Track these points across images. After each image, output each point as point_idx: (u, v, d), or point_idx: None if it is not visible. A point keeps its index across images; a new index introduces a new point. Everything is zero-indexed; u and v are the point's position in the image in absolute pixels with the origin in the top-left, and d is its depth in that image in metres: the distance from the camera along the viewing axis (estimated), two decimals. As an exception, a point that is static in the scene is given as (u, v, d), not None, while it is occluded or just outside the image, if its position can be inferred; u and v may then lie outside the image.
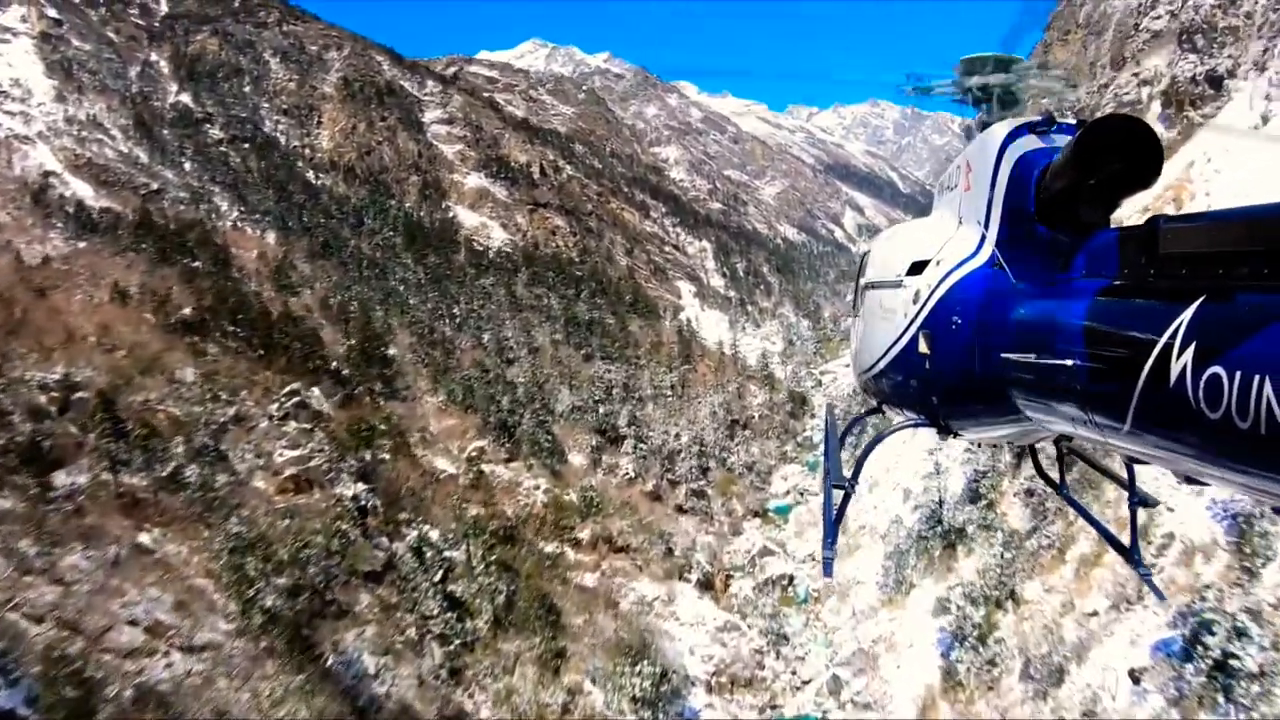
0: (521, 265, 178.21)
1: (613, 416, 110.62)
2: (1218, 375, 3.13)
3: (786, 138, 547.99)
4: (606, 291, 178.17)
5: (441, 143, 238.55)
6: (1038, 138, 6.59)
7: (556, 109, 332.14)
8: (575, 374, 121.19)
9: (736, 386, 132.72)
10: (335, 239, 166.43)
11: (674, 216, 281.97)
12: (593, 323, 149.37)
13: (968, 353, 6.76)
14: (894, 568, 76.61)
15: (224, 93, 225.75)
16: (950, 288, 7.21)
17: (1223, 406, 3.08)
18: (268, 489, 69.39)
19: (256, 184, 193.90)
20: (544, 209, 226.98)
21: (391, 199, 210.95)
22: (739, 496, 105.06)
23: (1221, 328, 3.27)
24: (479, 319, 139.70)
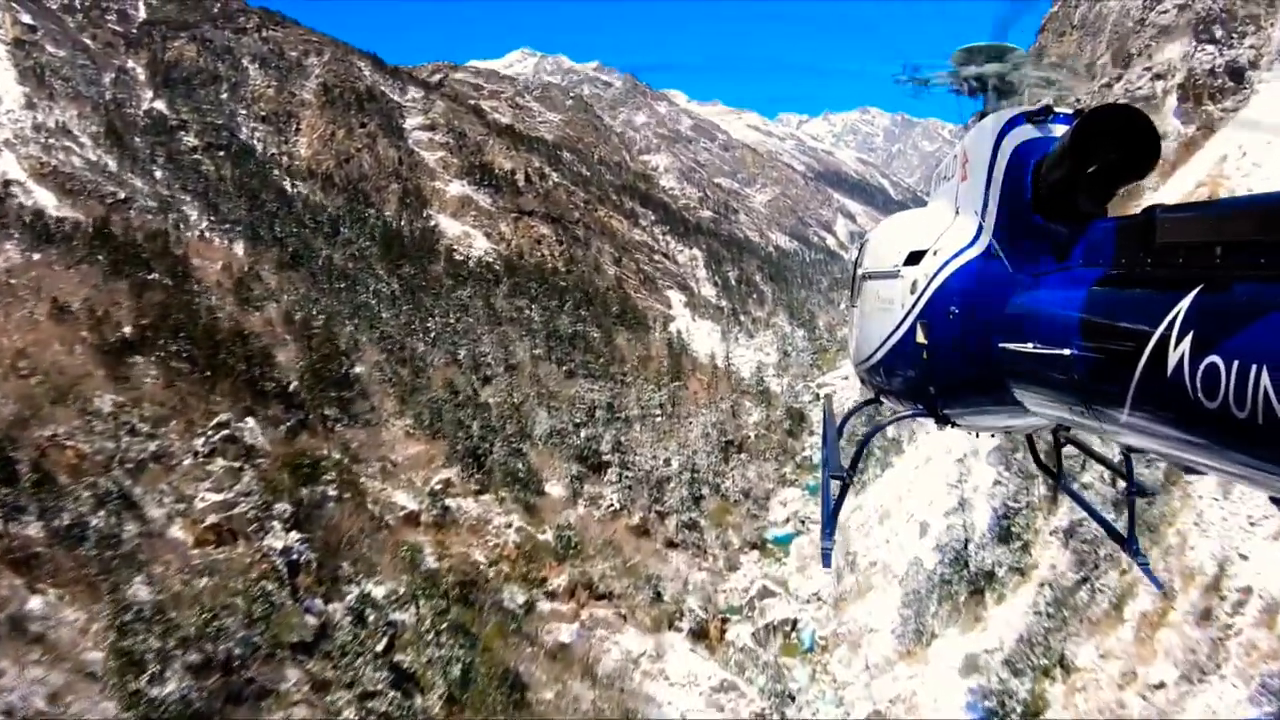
0: (503, 275, 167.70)
1: (595, 441, 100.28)
2: (1215, 365, 3.14)
3: (777, 145, 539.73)
4: (593, 302, 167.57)
5: (423, 149, 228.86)
6: (1034, 128, 6.45)
7: (544, 116, 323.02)
8: (555, 393, 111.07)
9: (730, 404, 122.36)
10: (307, 249, 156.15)
11: (664, 224, 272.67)
12: (576, 336, 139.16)
13: (965, 342, 6.72)
14: (913, 615, 66.98)
15: (200, 99, 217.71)
16: (947, 277, 7.11)
17: (1220, 396, 3.08)
18: (186, 540, 58.82)
19: (229, 193, 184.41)
20: (529, 217, 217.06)
21: (370, 207, 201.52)
22: (735, 527, 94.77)
23: (1218, 317, 3.25)
24: (455, 333, 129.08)
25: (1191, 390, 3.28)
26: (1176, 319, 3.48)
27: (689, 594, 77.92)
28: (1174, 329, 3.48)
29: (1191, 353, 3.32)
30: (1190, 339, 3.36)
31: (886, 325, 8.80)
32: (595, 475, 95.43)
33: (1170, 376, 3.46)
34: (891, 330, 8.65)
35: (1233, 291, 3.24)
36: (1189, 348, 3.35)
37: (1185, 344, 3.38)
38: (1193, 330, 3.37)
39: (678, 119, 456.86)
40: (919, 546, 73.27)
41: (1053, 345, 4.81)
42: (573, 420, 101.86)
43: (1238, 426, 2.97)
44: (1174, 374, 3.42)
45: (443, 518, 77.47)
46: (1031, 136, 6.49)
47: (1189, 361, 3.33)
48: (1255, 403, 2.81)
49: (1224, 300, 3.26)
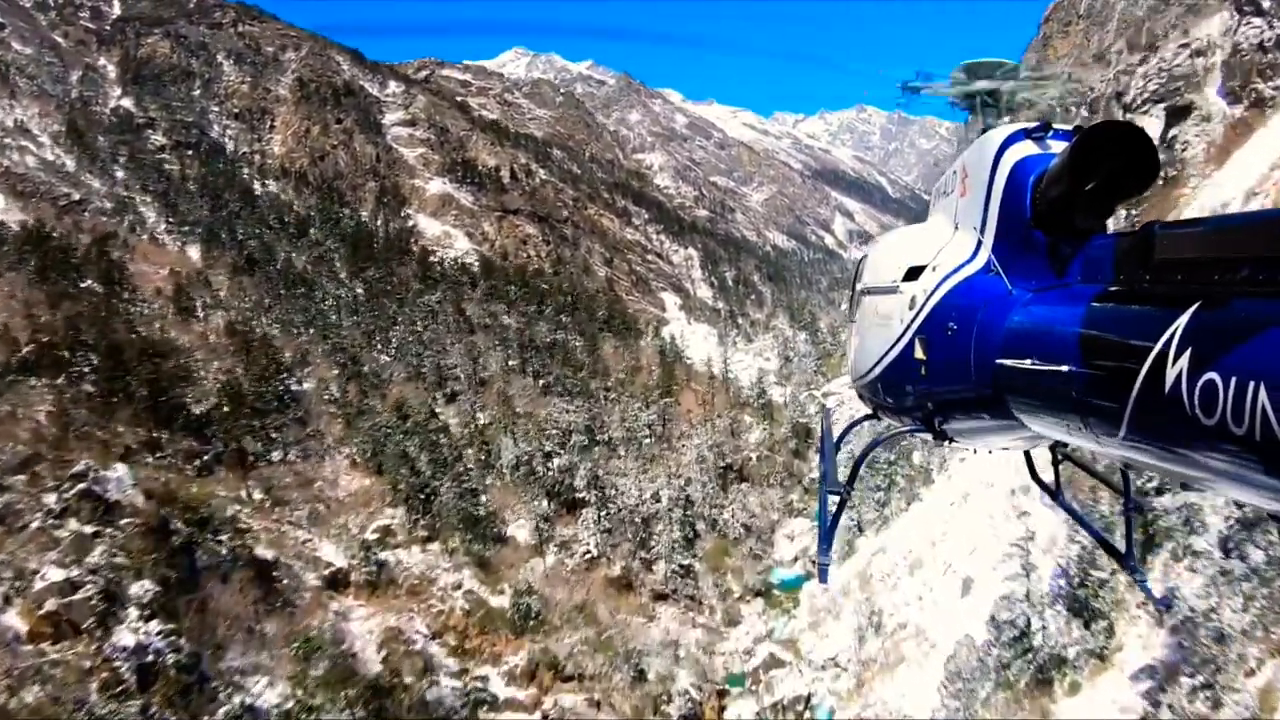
0: (480, 278, 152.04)
1: (570, 473, 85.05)
2: (1213, 381, 3.13)
3: (773, 143, 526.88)
4: (577, 306, 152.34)
5: (403, 146, 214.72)
6: (1034, 143, 6.36)
7: (533, 113, 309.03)
8: (527, 414, 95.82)
9: (729, 420, 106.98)
10: (267, 252, 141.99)
11: (658, 224, 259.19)
12: (555, 346, 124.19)
13: (964, 359, 6.45)
14: (961, 706, 52.08)
15: (170, 97, 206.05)
16: (946, 293, 7.00)
17: (1218, 413, 3.07)
18: (22, 630, 43.62)
19: (191, 193, 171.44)
20: (514, 216, 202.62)
21: (345, 207, 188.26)
22: (735, 571, 79.85)
23: (1217, 334, 3.26)
24: (421, 343, 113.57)
25: (1189, 407, 3.22)
26: (1175, 335, 3.41)
27: (680, 666, 62.76)
28: (1172, 345, 3.41)
29: (1189, 369, 3.25)
30: (1188, 355, 3.29)
31: (885, 341, 8.41)
32: (569, 514, 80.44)
33: (1168, 393, 3.39)
34: (890, 346, 8.23)
35: (1231, 308, 3.19)
36: (1187, 364, 3.28)
37: (1183, 360, 3.31)
38: (1191, 346, 3.30)
39: (672, 117, 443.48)
40: (962, 610, 58.32)
41: (1051, 361, 4.68)
42: (542, 447, 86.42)
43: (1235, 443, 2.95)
44: (1172, 390, 3.36)
45: (377, 577, 62.61)
46: (1031, 152, 6.23)
47: (1187, 378, 3.26)
48: (1253, 419, 2.79)
49: (1222, 316, 3.22)
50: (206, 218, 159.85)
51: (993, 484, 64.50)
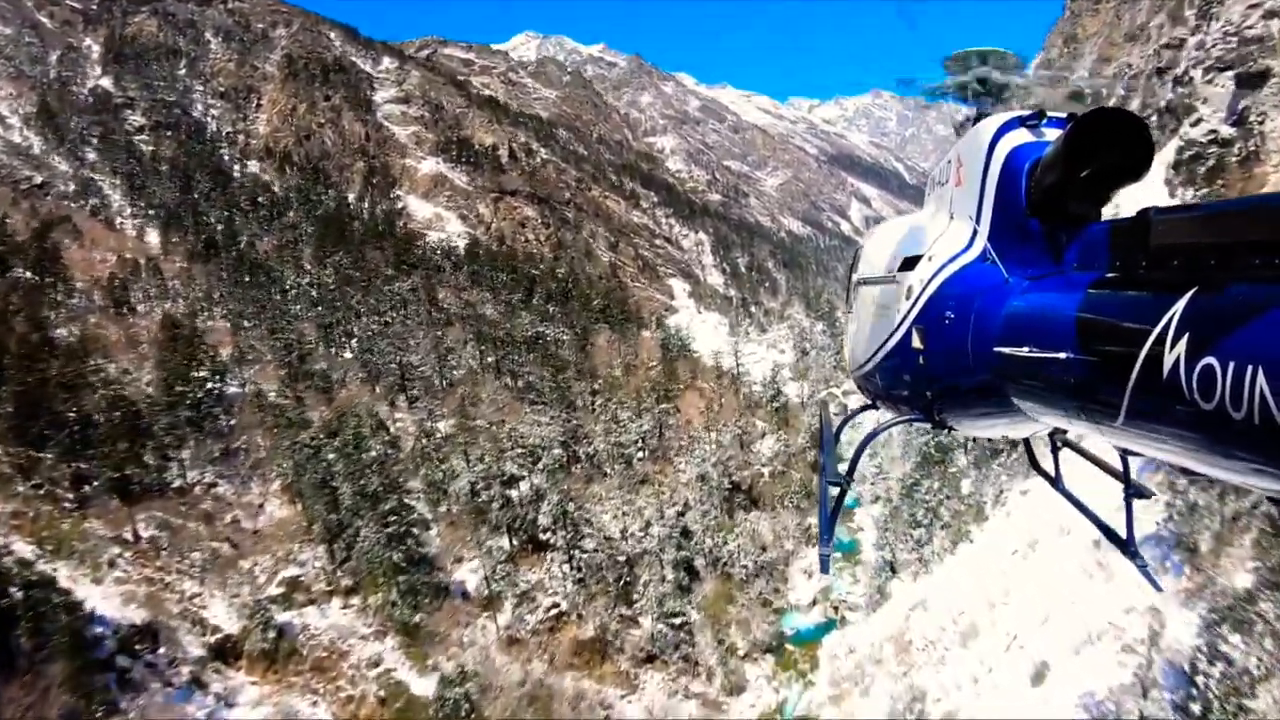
0: (464, 262, 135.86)
1: (538, 502, 67.17)
2: (1211, 366, 3.04)
3: (788, 128, 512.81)
4: (571, 294, 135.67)
5: (395, 124, 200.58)
6: (1028, 131, 6.12)
7: (538, 92, 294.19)
8: (496, 423, 79.62)
9: (738, 427, 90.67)
10: (230, 236, 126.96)
11: (667, 207, 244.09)
12: (539, 340, 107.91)
13: (961, 348, 6.22)
14: None
15: (153, 76, 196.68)
16: (943, 283, 6.70)
17: (1216, 397, 3.00)
18: None
19: (163, 174, 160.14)
20: (512, 197, 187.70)
21: (329, 188, 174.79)
22: (740, 623, 63.74)
23: (1214, 319, 3.18)
24: (388, 337, 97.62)
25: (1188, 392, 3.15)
26: (1172, 321, 3.33)
27: (665, 767, 47.41)
28: (1170, 331, 3.33)
29: (1187, 354, 3.18)
30: (1186, 341, 3.21)
31: (882, 331, 8.04)
32: (536, 554, 64.36)
33: (1166, 379, 3.31)
34: (887, 336, 7.85)
35: (1228, 293, 3.12)
36: (1185, 349, 3.21)
37: (1181, 346, 3.23)
38: (1188, 332, 3.22)
39: (685, 100, 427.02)
40: (1033, 703, 42.74)
41: (1048, 349, 4.58)
42: (501, 471, 69.40)
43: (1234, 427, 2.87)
44: (1170, 376, 3.28)
45: (275, 646, 47.51)
46: (1025, 140, 5.96)
47: (1185, 363, 3.18)
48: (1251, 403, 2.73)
49: (1220, 302, 3.16)
50: (174, 200, 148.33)
51: (1068, 530, 49.74)
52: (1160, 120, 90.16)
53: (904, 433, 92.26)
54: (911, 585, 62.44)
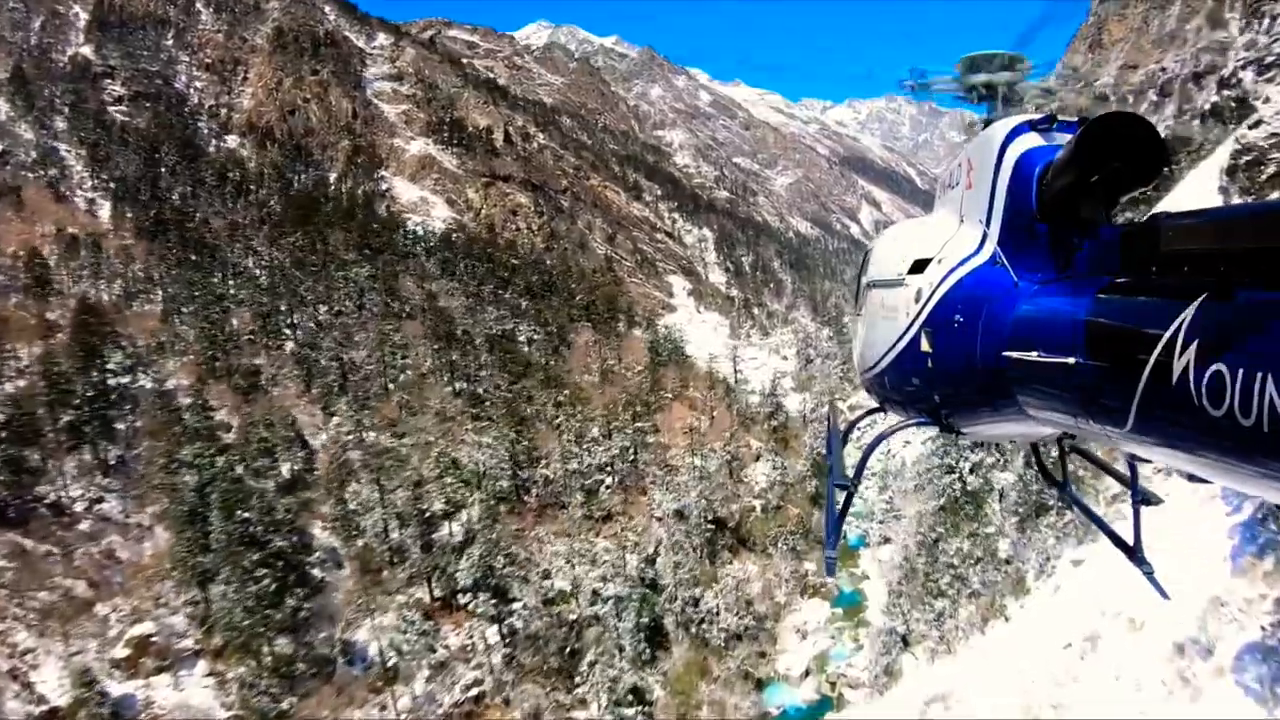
0: (438, 248, 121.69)
1: (467, 547, 52.27)
2: (1220, 373, 3.08)
3: (800, 128, 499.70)
4: (554, 287, 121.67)
5: (385, 102, 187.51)
6: (1039, 135, 6.09)
7: (543, 78, 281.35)
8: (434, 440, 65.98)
9: (728, 449, 76.81)
10: (183, 214, 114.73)
11: (671, 200, 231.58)
12: (503, 340, 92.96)
13: (970, 351, 6.24)
14: None
15: (137, 45, 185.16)
16: (952, 286, 6.68)
17: (1225, 404, 3.03)
18: None
19: (133, 145, 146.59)
20: (504, 183, 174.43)
21: (309, 167, 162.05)
22: (714, 704, 50.02)
23: (1223, 326, 3.20)
24: (335, 329, 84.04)
25: (1196, 398, 3.15)
26: (1181, 327, 3.34)
27: None
28: (1179, 337, 3.33)
29: (1196, 361, 3.19)
30: (1195, 347, 3.22)
31: (891, 334, 7.97)
32: (451, 616, 50.45)
33: (1175, 385, 3.33)
34: (896, 339, 7.78)
35: (1237, 299, 3.12)
36: (1194, 356, 3.21)
37: (1190, 352, 3.24)
38: (1198, 338, 3.23)
39: (696, 94, 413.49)
40: None
41: (1057, 354, 4.59)
42: (418, 507, 55.32)
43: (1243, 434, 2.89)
44: (1179, 382, 3.29)
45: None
46: (1036, 144, 5.92)
47: (1194, 370, 3.19)
48: (1260, 410, 2.75)
49: (1228, 308, 3.15)
50: (138, 172, 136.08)
51: (1140, 623, 36.71)
52: (1204, 125, 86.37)
53: (919, 463, 79.09)
54: (928, 668, 49.12)
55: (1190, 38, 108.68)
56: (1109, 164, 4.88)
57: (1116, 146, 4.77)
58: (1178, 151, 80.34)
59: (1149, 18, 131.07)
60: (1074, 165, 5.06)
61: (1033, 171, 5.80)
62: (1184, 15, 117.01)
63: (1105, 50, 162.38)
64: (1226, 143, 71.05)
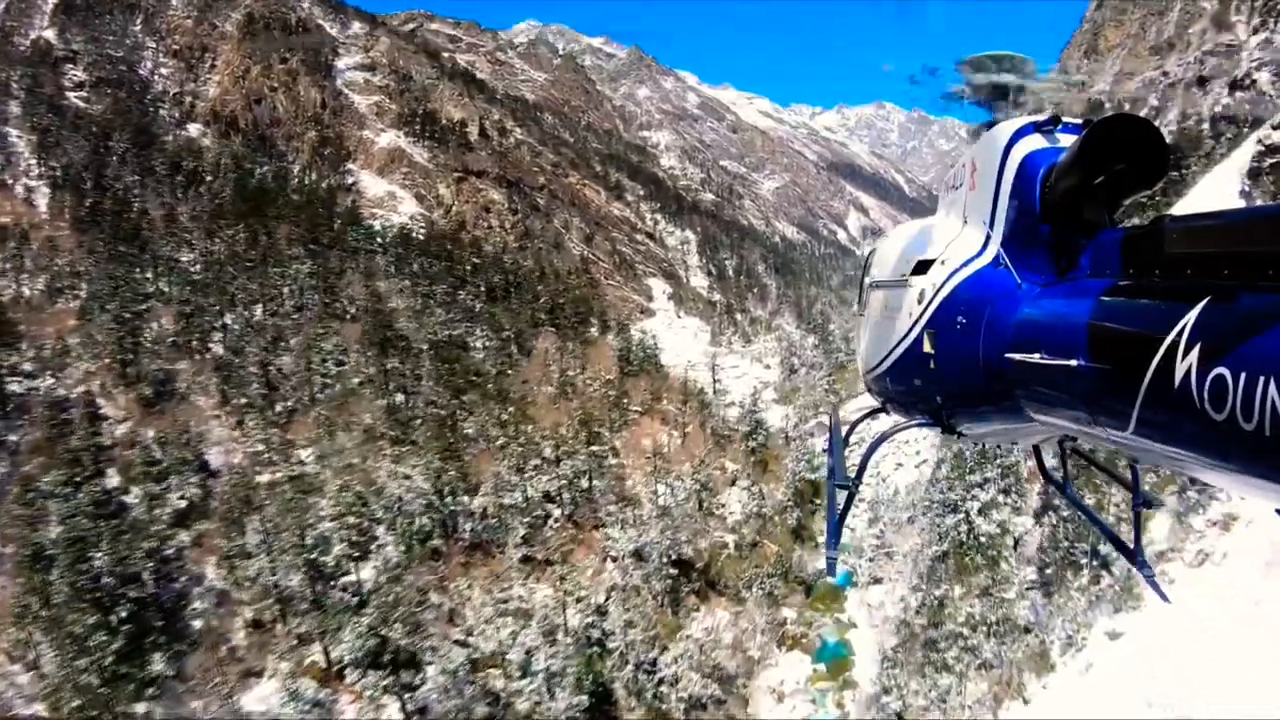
0: (393, 244, 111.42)
1: (378, 597, 42.36)
2: (1222, 376, 3.02)
3: (789, 132, 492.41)
4: (519, 288, 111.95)
5: (356, 92, 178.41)
6: (1043, 137, 5.92)
7: (526, 74, 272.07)
8: (353, 464, 56.55)
9: (697, 484, 68.01)
10: (122, 204, 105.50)
11: (654, 201, 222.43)
12: (451, 346, 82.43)
13: (972, 353, 6.07)
14: None
15: (103, 30, 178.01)
16: (955, 287, 6.55)
17: (1227, 407, 2.97)
18: None
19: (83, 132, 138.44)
20: (478, 178, 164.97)
21: (272, 158, 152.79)
22: (673, 794, 41.08)
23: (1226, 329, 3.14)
24: (264, 332, 74.42)
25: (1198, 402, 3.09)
26: (1184, 330, 3.27)
27: None
28: (1181, 340, 3.27)
29: (1199, 364, 3.12)
30: (1198, 350, 3.16)
31: (894, 335, 7.86)
32: (333, 684, 41.01)
33: (1177, 388, 3.25)
34: (899, 340, 7.70)
35: (1241, 302, 3.08)
36: (1197, 359, 3.15)
37: (1193, 355, 3.18)
38: (1200, 341, 3.17)
39: (684, 96, 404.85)
40: None
41: (1060, 356, 4.47)
42: (305, 551, 45.57)
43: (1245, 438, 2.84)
44: (1181, 385, 3.22)
45: None
46: (1040, 146, 5.78)
47: (1196, 373, 3.12)
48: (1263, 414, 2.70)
49: (1233, 311, 3.10)
50: (85, 160, 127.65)
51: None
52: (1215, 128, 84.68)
53: (913, 490, 70.43)
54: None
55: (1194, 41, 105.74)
56: (1113, 166, 4.78)
57: (1120, 149, 4.64)
58: (1188, 155, 77.69)
59: (1147, 24, 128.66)
60: (1078, 167, 4.98)
61: (1036, 173, 5.58)
62: (1183, 21, 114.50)
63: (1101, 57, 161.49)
64: (1245, 145, 68.59)
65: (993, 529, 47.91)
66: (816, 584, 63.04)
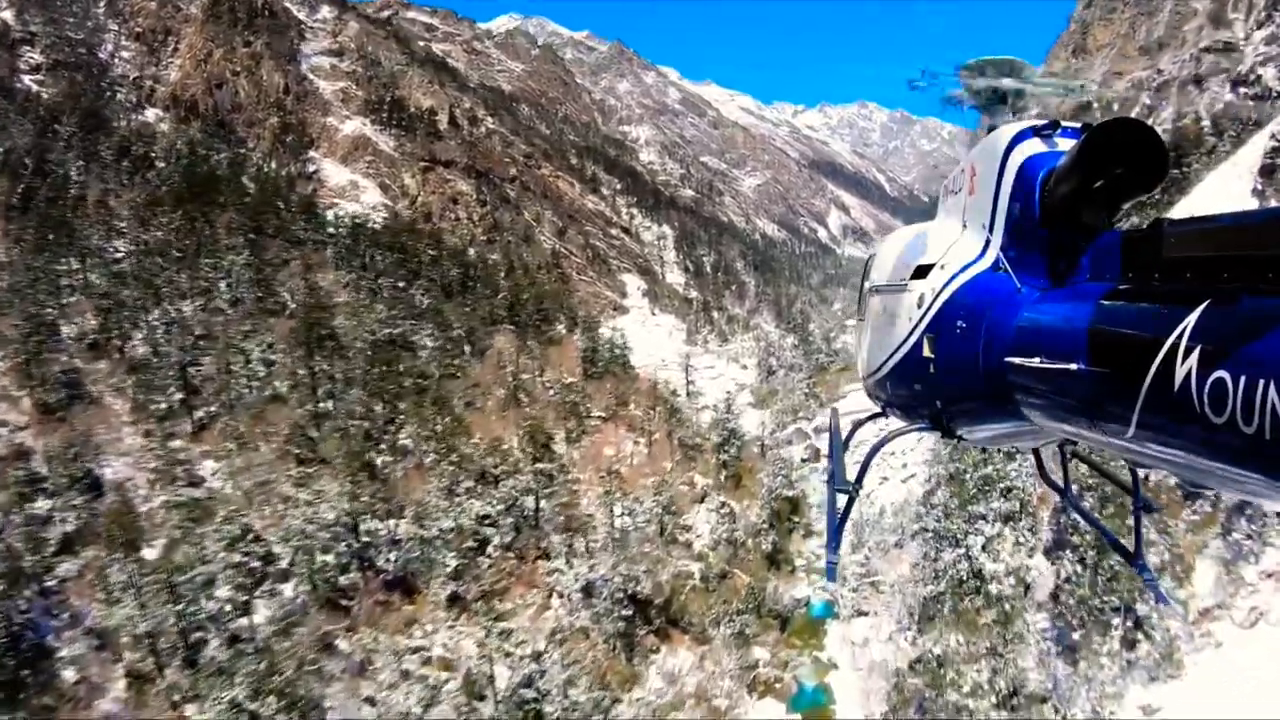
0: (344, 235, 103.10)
1: (263, 655, 35.54)
2: (1222, 380, 3.02)
3: (770, 130, 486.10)
4: (479, 282, 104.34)
5: (322, 78, 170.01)
6: (1042, 141, 5.96)
7: (503, 65, 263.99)
8: (266, 483, 49.10)
9: (659, 506, 61.05)
10: (60, 190, 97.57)
11: (630, 195, 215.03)
12: (394, 346, 74.16)
13: (972, 357, 6.11)
14: None
15: (64, 12, 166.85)
16: (954, 291, 6.57)
17: (1227, 411, 2.97)
18: None
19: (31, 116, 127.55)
20: (445, 168, 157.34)
21: (230, 144, 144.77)
22: None
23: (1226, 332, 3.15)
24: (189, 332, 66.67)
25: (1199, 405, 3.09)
26: (1184, 333, 3.26)
27: None
28: (1181, 343, 3.27)
29: (1199, 367, 3.12)
30: (1198, 354, 3.15)
31: (894, 339, 7.85)
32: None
33: (1177, 391, 3.25)
34: (898, 344, 7.69)
35: (1241, 305, 3.07)
36: (1196, 362, 3.14)
37: (1193, 359, 3.17)
38: (1200, 345, 3.16)
39: (665, 91, 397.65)
40: None
41: (1059, 359, 4.46)
42: (193, 588, 38.18)
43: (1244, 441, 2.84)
44: (1181, 389, 3.23)
45: None
46: (1039, 150, 5.82)
47: (1196, 376, 3.12)
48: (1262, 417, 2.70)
49: (1232, 314, 3.11)
50: (25, 144, 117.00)
51: None
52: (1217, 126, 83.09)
53: (901, 511, 63.71)
54: None
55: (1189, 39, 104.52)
56: (1112, 170, 4.80)
57: (1119, 152, 4.69)
58: (1189, 154, 75.73)
59: (1137, 23, 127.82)
60: (1077, 171, 4.99)
61: (1036, 177, 5.65)
62: (1174, 21, 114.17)
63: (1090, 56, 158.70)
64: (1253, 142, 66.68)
65: (1000, 569, 40.96)
66: (793, 616, 56.30)
